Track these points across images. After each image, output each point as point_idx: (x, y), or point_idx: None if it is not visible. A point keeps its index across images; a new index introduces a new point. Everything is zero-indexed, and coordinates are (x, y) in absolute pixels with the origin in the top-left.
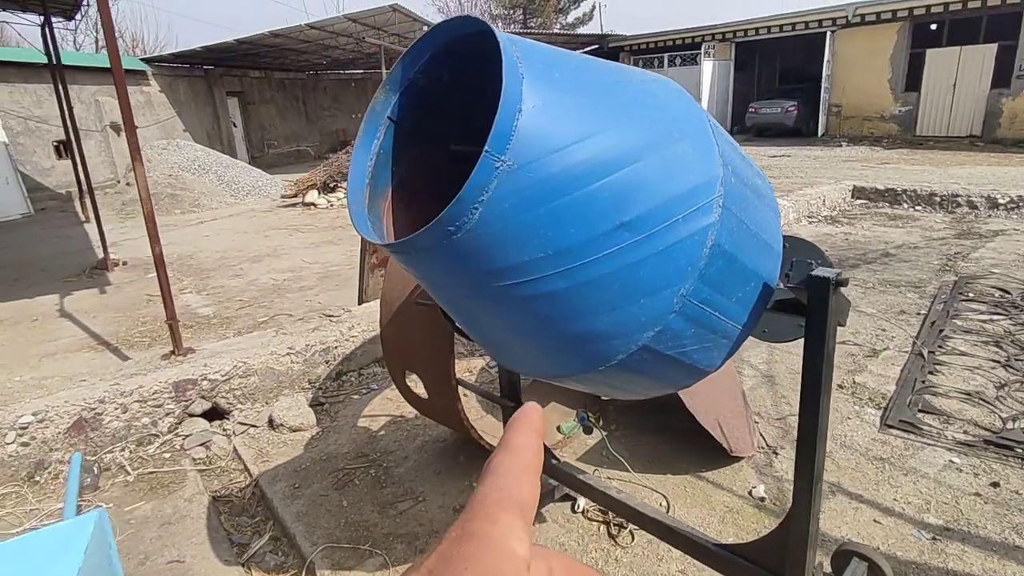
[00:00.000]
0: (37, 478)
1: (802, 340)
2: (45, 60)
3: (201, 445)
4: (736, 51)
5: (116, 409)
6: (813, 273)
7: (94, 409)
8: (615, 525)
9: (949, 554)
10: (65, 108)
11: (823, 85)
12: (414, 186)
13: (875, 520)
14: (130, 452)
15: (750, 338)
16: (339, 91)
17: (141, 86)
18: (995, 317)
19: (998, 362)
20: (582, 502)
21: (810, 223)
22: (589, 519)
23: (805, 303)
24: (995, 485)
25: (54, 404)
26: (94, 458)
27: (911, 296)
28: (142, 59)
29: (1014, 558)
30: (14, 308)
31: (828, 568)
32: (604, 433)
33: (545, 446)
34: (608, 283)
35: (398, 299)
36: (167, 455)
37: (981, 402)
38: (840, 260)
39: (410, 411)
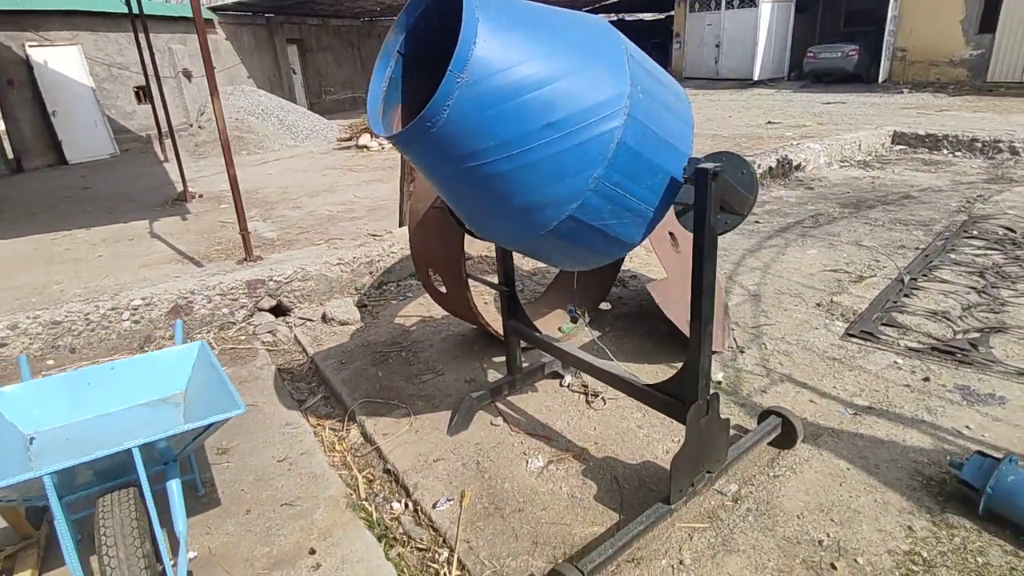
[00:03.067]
0: (146, 348)
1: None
2: (126, 10)
3: (268, 332)
4: None
5: (203, 299)
6: (699, 166)
7: (186, 298)
8: (591, 395)
9: (863, 423)
10: (146, 56)
11: (887, 28)
12: (415, 102)
13: (810, 400)
14: (214, 334)
15: (745, 264)
16: None
17: (209, 34)
18: (990, 252)
19: (974, 288)
20: (568, 378)
21: (841, 167)
22: (572, 391)
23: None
24: (926, 380)
25: (156, 292)
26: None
27: (917, 233)
28: (209, 8)
29: (916, 428)
30: (113, 230)
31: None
32: (597, 334)
33: (535, 326)
34: (539, 166)
35: (421, 210)
36: (242, 337)
37: (943, 319)
38: (858, 201)
39: (437, 312)
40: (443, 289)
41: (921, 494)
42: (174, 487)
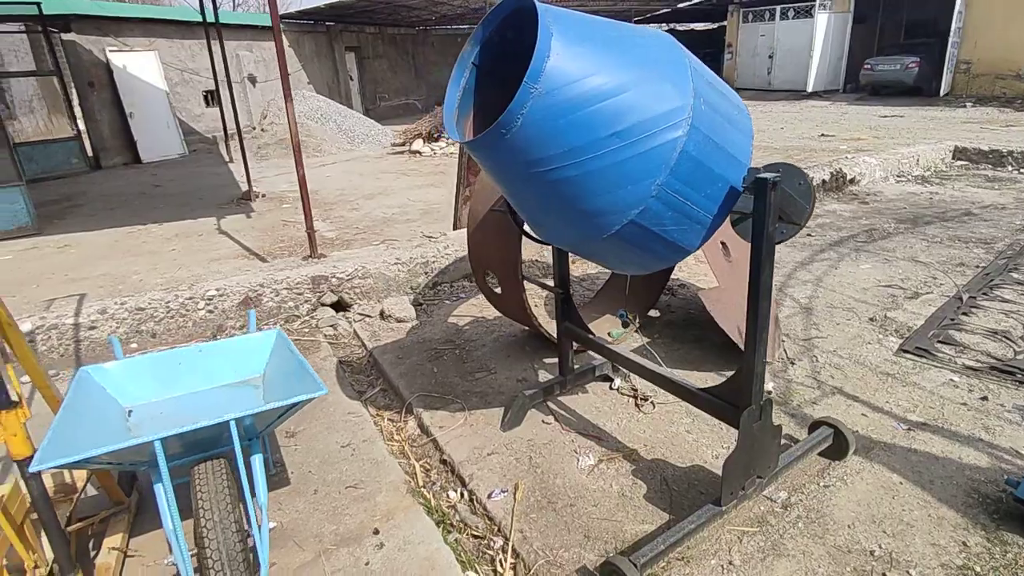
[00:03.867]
0: (218, 336)
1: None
2: (200, 18)
3: (330, 326)
4: (856, 1)
5: (271, 292)
6: (758, 176)
7: (256, 290)
8: (641, 399)
9: (917, 439)
10: (217, 62)
11: (951, 39)
12: (486, 109)
13: (862, 414)
14: (280, 326)
15: (796, 277)
16: (446, 46)
17: (272, 41)
18: None
19: None
20: (617, 382)
21: (898, 182)
22: (621, 393)
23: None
24: (984, 399)
25: (229, 284)
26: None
27: (977, 251)
28: None
29: (972, 446)
30: (184, 226)
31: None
32: (646, 340)
33: (588, 328)
34: (605, 173)
35: (480, 212)
36: (306, 330)
37: (1003, 339)
38: (915, 216)
39: (490, 313)
40: (498, 290)
41: (976, 511)
42: (257, 462)
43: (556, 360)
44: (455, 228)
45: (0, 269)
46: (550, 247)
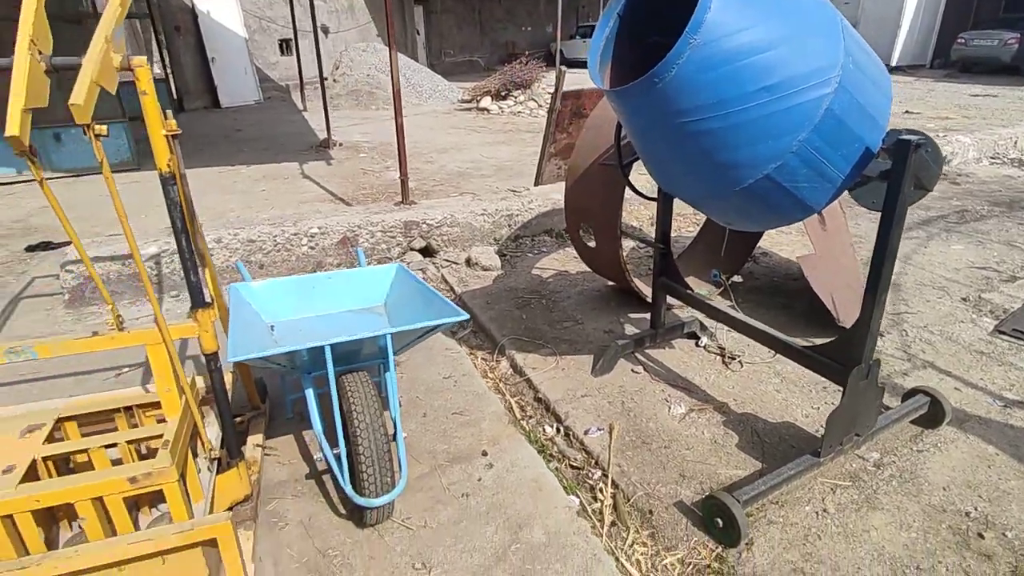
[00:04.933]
0: (317, 271)
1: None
2: None
3: (419, 270)
4: None
5: (367, 234)
6: (900, 137)
7: (354, 231)
8: (728, 357)
9: (1014, 416)
10: (298, 10)
11: None
12: (622, 61)
13: (955, 388)
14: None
15: None
16: (513, 3)
17: None
18: None
19: None
20: (704, 340)
21: (992, 164)
22: (708, 351)
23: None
24: None
25: (329, 223)
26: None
27: None
28: None
29: None
30: (269, 169)
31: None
32: (731, 303)
33: (686, 284)
34: (749, 126)
35: (581, 166)
36: None
37: None
38: (1011, 200)
39: (573, 268)
40: (591, 244)
41: None
42: (390, 378)
43: (641, 315)
44: (536, 184)
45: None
46: (645, 202)
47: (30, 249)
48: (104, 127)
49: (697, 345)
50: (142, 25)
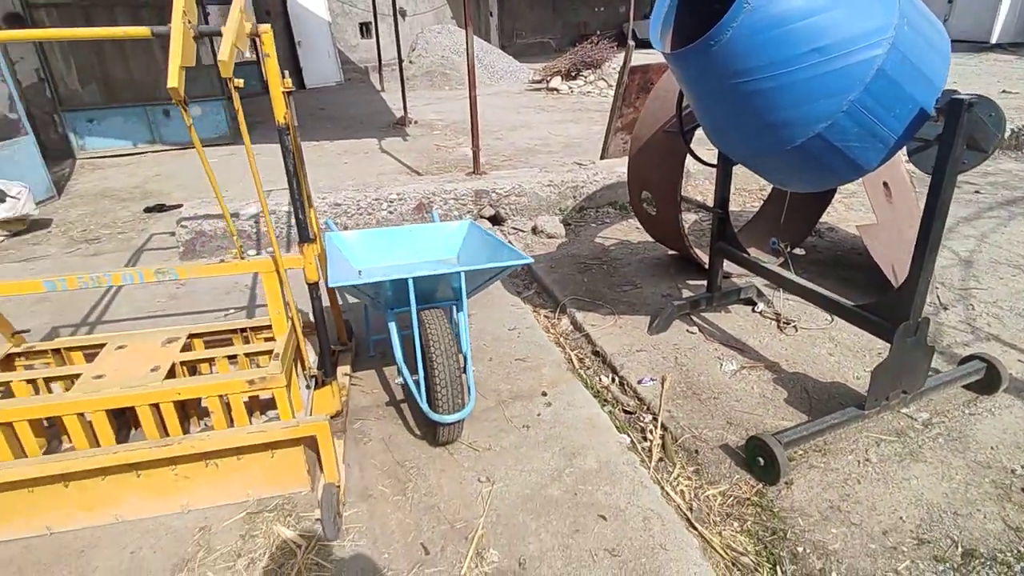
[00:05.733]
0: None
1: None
2: None
3: None
4: None
5: (440, 201)
6: (954, 96)
7: (428, 198)
8: (783, 323)
9: None
10: None
11: None
12: (681, 29)
13: (1018, 360)
14: None
15: (958, 231)
16: None
17: None
18: None
19: None
20: (760, 306)
21: None
22: (763, 316)
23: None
24: None
25: (407, 190)
26: None
27: None
28: None
29: None
30: (350, 144)
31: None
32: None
33: (744, 249)
34: (799, 87)
35: (644, 136)
36: None
37: None
38: None
39: (634, 237)
40: (653, 211)
41: None
42: (463, 318)
43: (698, 282)
44: (602, 157)
45: (214, 169)
46: (703, 176)
47: (148, 210)
48: (241, 80)
49: (753, 311)
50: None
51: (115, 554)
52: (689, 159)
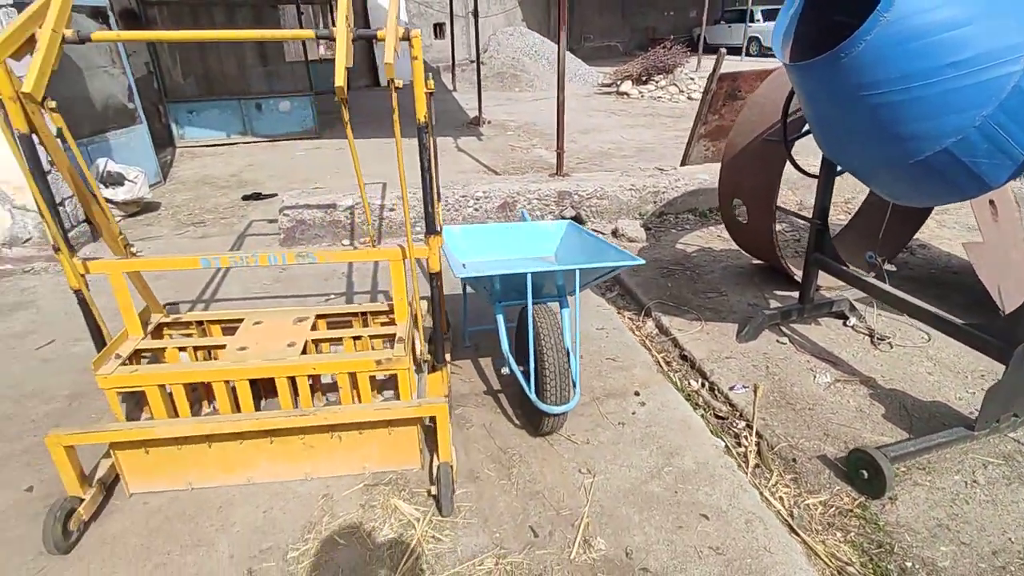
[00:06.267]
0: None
1: None
2: None
3: None
4: None
5: (524, 200)
6: None
7: (513, 197)
8: (877, 338)
9: None
10: None
11: None
12: (799, 39)
13: None
14: None
15: None
16: None
17: None
18: None
19: None
20: (852, 320)
21: None
22: (856, 331)
23: None
24: None
25: (492, 189)
26: None
27: None
28: None
29: None
30: None
31: None
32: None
33: (843, 260)
34: (932, 100)
35: (740, 143)
36: None
37: None
38: None
39: (717, 245)
40: (743, 220)
41: None
42: (567, 313)
43: (785, 293)
44: (683, 163)
45: (302, 162)
46: (793, 188)
47: (245, 198)
48: (400, 80)
49: (845, 324)
50: (316, 10)
51: (250, 512)
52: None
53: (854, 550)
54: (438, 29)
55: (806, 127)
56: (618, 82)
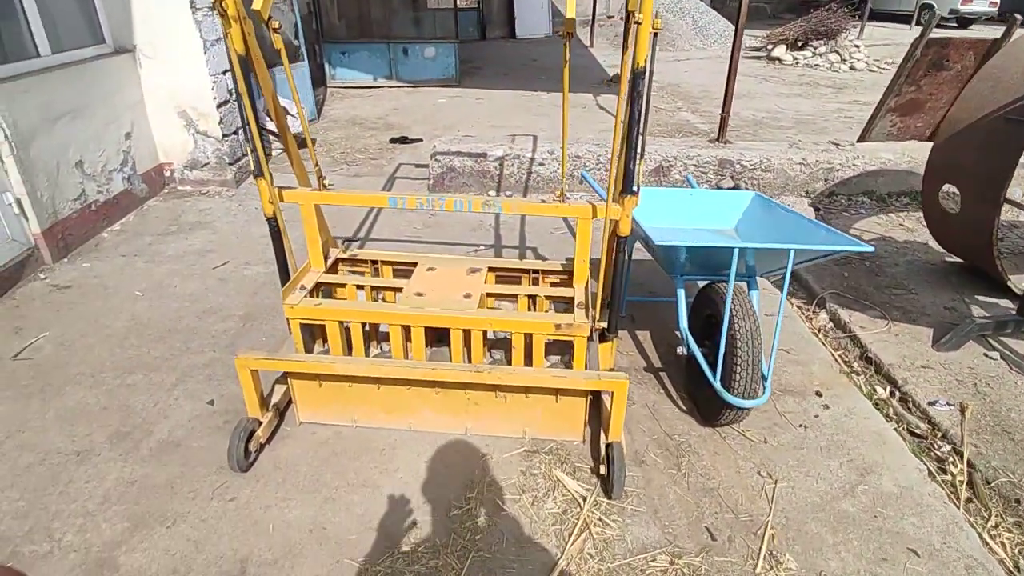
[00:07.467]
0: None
1: None
2: None
3: None
4: None
5: (680, 165)
6: None
7: (669, 161)
8: None
9: None
10: None
11: None
12: None
13: None
14: None
15: None
16: None
17: None
18: None
19: None
20: None
21: None
22: None
23: None
24: None
25: (648, 151)
26: None
27: None
28: None
29: None
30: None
31: None
32: None
33: None
34: None
35: (966, 120)
36: None
37: None
38: None
39: (899, 235)
40: (953, 209)
41: None
42: (755, 297)
43: (991, 299)
44: (862, 139)
45: (444, 109)
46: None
47: (393, 141)
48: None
49: None
50: None
51: (412, 460)
52: None
53: None
54: None
55: None
56: (769, 46)
